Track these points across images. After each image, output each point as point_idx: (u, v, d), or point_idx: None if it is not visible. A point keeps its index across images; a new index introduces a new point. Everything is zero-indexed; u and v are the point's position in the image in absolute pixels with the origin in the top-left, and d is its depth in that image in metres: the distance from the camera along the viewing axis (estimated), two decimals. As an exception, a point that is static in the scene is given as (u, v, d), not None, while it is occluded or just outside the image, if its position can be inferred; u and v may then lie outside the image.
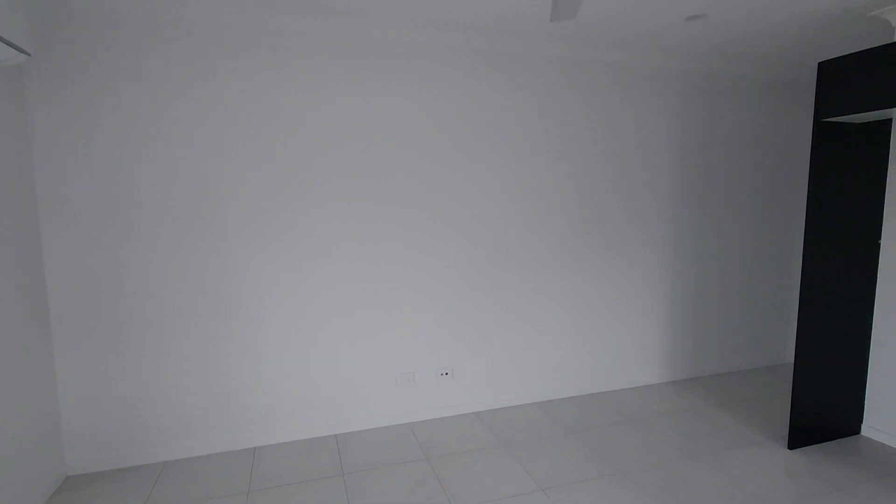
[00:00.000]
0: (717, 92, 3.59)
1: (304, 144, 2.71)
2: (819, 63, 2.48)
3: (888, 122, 2.67)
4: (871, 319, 2.79)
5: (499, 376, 3.25)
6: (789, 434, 2.68)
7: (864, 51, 2.31)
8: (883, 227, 2.72)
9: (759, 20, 2.74)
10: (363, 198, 2.85)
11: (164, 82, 2.47)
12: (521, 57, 3.06)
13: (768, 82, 3.74)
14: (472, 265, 3.11)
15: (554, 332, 3.35)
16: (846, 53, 2.51)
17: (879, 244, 2.74)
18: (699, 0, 2.47)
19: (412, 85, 2.86)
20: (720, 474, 2.44)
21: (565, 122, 3.22)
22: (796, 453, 2.64)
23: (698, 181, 3.62)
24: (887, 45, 2.23)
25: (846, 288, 2.71)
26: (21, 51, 1.96)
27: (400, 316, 2.99)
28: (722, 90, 3.61)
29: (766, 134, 3.81)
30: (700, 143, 3.60)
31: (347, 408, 2.95)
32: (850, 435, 2.83)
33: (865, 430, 2.84)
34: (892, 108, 2.25)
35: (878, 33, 2.95)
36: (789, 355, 4.14)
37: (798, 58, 3.46)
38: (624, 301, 3.50)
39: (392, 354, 3.00)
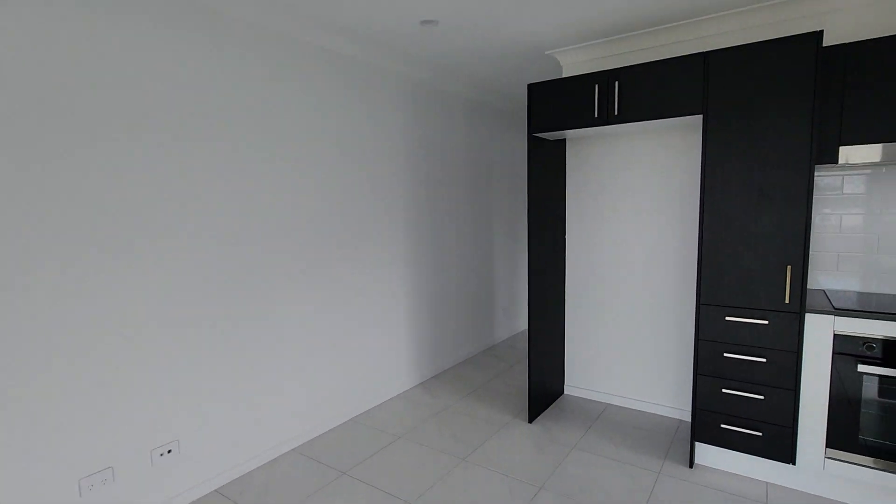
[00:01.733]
0: (446, 105, 3.84)
1: None
2: (528, 84, 2.88)
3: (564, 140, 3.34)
4: (565, 303, 3.46)
5: (244, 431, 2.54)
6: (529, 409, 3.04)
7: (546, 81, 2.79)
8: (567, 229, 3.41)
9: (477, 40, 3.00)
10: (-16, 202, 1.68)
11: None
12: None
13: (487, 103, 4.27)
14: (188, 293, 2.29)
15: (301, 362, 2.86)
16: (546, 80, 3.08)
17: (565, 240, 3.42)
18: (433, 4, 2.47)
19: (75, 28, 1.86)
20: (493, 468, 2.52)
21: (288, 114, 2.77)
22: (535, 425, 3.01)
23: (430, 191, 3.78)
24: (558, 79, 2.73)
25: (553, 279, 3.27)
26: None
27: (80, 385, 1.92)
28: (451, 105, 3.88)
29: (488, 149, 4.35)
30: (430, 154, 3.76)
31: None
32: (558, 396, 3.45)
33: (567, 389, 3.52)
34: (563, 130, 2.76)
35: (557, 70, 3.68)
36: (498, 337, 4.86)
37: (510, 84, 4.06)
38: (372, 311, 3.31)
39: (69, 450, 1.90)
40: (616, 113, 2.59)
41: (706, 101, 2.33)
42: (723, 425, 2.40)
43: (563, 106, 2.76)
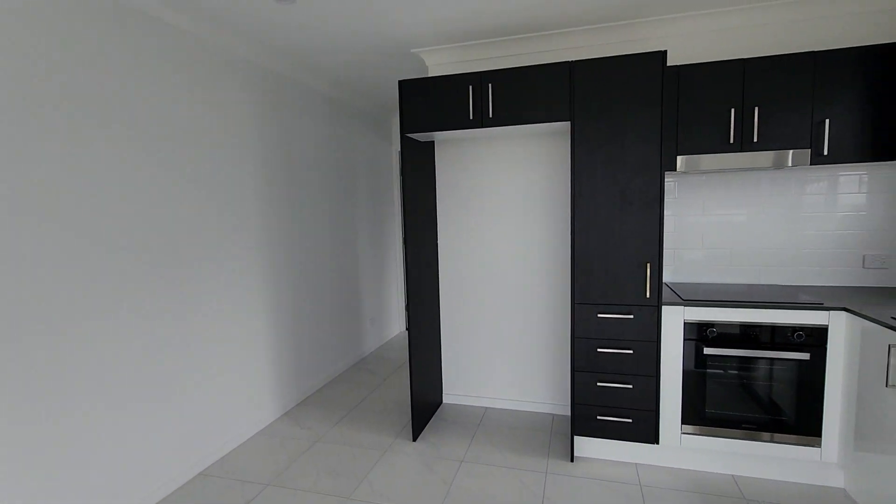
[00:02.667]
0: (308, 102, 3.41)
1: None
2: (399, 81, 2.69)
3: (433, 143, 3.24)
4: (440, 309, 3.37)
5: (39, 523, 1.85)
6: (413, 426, 2.85)
7: (419, 79, 2.66)
8: (438, 232, 3.31)
9: (338, 29, 2.71)
10: None
11: None
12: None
13: (350, 103, 3.92)
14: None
15: (120, 417, 2.24)
16: (418, 77, 2.92)
17: (437, 244, 3.32)
18: (300, -22, 2.14)
19: None
20: (384, 501, 2.27)
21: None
22: (420, 443, 2.84)
23: (288, 195, 3.34)
24: (431, 77, 2.63)
25: (428, 284, 3.13)
26: None
27: None
28: (312, 103, 3.46)
29: (352, 152, 4.00)
30: (289, 155, 3.32)
31: None
32: (438, 406, 3.33)
33: (446, 398, 3.42)
34: (438, 130, 2.66)
35: (423, 70, 3.55)
36: (367, 349, 4.58)
37: (374, 83, 3.77)
38: (219, 337, 2.78)
39: None
40: (491, 115, 2.55)
41: (573, 108, 2.43)
42: (599, 417, 2.53)
43: (436, 106, 2.64)
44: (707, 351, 2.35)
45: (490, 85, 2.53)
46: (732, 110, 2.45)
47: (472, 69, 3.12)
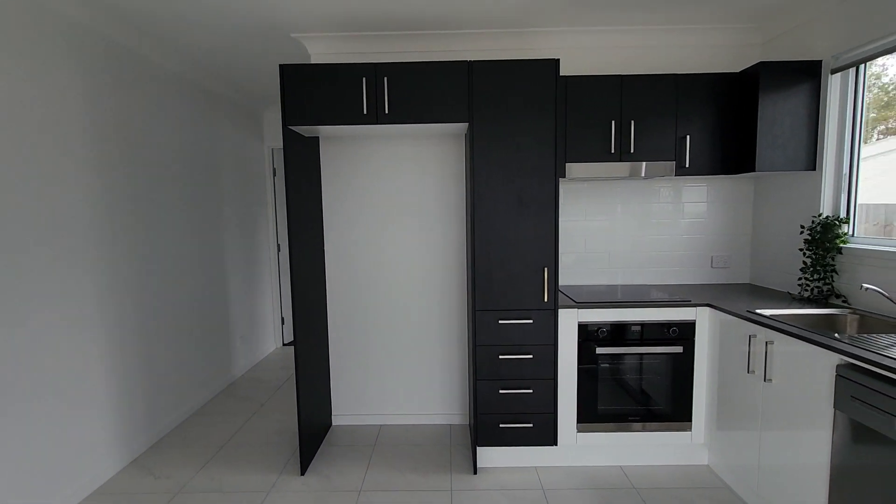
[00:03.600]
0: (160, 85, 2.82)
1: None
2: (281, 65, 2.36)
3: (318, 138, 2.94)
4: (327, 322, 3.06)
5: None
6: (301, 458, 2.51)
7: (306, 65, 2.37)
8: (325, 238, 3.01)
9: (200, 7, 2.29)
10: None
11: None
12: None
13: (215, 91, 3.34)
14: None
15: None
16: (304, 63, 2.56)
17: (324, 251, 3.02)
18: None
19: None
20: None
21: None
22: (310, 476, 2.51)
23: (133, 194, 2.74)
24: (320, 65, 2.37)
25: (314, 294, 2.81)
26: None
27: None
28: (166, 86, 2.87)
29: (217, 147, 3.42)
30: (133, 145, 2.71)
31: None
32: (327, 430, 3.02)
33: (335, 420, 3.12)
34: (329, 124, 2.40)
35: (305, 59, 3.18)
36: (237, 371, 4.02)
37: (246, 70, 3.26)
38: (35, 378, 2.15)
39: None
40: (387, 112, 2.36)
41: (472, 110, 2.36)
42: (501, 425, 2.48)
43: (326, 97, 2.37)
44: (599, 350, 2.45)
45: (386, 78, 2.34)
46: (613, 122, 2.61)
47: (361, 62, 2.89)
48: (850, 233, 2.37)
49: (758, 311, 2.20)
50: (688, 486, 2.36)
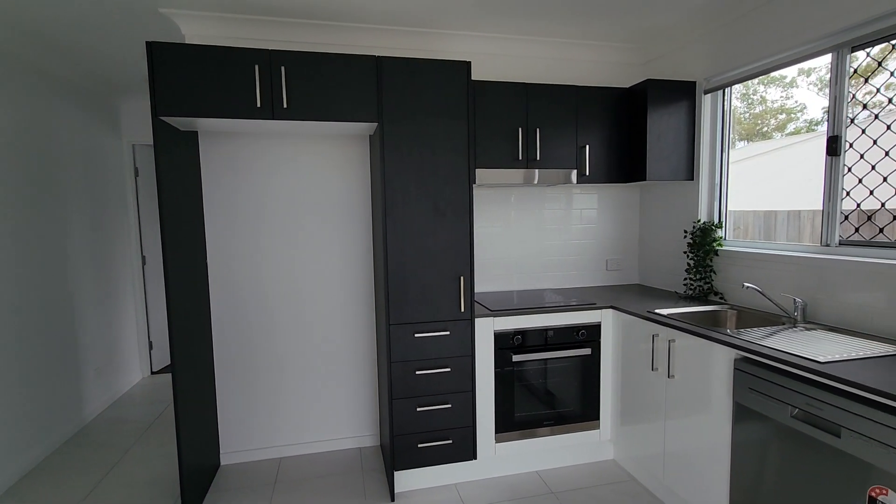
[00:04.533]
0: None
1: None
2: (149, 43, 1.95)
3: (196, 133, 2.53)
4: (212, 347, 2.64)
5: None
6: (183, 515, 2.10)
7: (182, 45, 2.01)
8: (208, 250, 2.60)
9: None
10: None
11: None
12: None
13: (57, 75, 2.66)
14: None
15: None
16: (182, 42, 2.10)
17: (206, 262, 2.61)
18: None
19: None
20: None
21: None
22: (196, 532, 2.12)
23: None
24: (200, 46, 2.02)
25: (197, 316, 2.40)
26: None
27: None
28: None
29: (58, 142, 2.73)
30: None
31: None
32: (215, 472, 2.60)
33: (224, 458, 2.70)
34: (212, 117, 2.06)
35: (179, 40, 2.70)
36: (91, 411, 3.33)
37: (100, 50, 2.65)
38: None
39: None
40: (286, 106, 2.09)
41: (382, 109, 2.19)
42: (420, 445, 2.34)
43: (210, 85, 2.02)
44: (516, 358, 2.43)
45: (283, 68, 2.07)
46: (520, 129, 2.62)
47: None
48: (724, 236, 2.66)
49: (656, 310, 2.35)
50: (600, 483, 2.44)
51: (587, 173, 2.74)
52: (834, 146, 2.04)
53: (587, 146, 2.73)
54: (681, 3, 2.41)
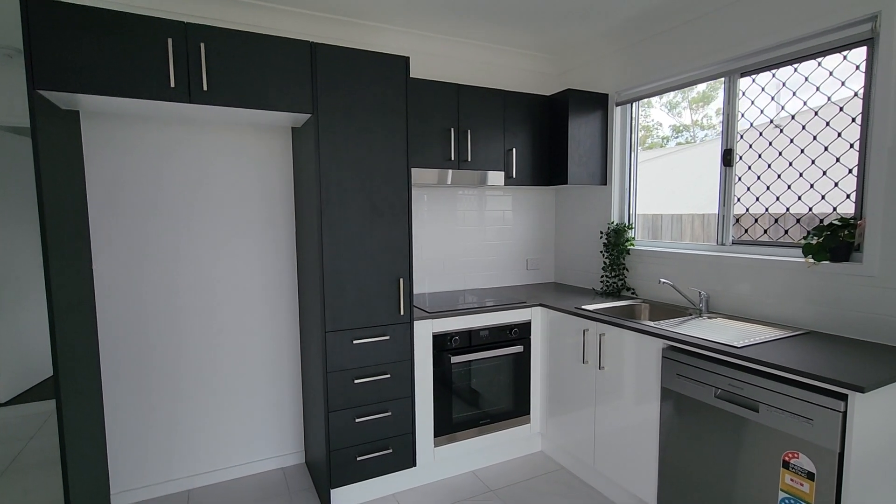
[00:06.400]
0: None
1: None
2: (24, -1, 1.58)
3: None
4: (100, 367, 2.22)
5: None
6: (73, 575, 1.73)
7: (67, 3, 1.68)
8: (93, 251, 2.19)
9: None
10: None
11: None
12: None
13: None
14: None
15: None
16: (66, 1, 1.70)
17: (91, 268, 2.19)
18: None
19: None
20: None
21: None
22: None
23: None
24: (95, 7, 1.70)
25: (81, 329, 2.00)
26: None
27: None
28: None
29: None
30: None
31: None
32: (105, 516, 2.19)
33: (116, 499, 2.29)
34: (108, 95, 1.72)
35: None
36: (-85, 460, 2.61)
37: None
38: None
39: None
40: (206, 88, 1.83)
41: (316, 100, 2.03)
42: (359, 458, 2.20)
43: (107, 56, 1.69)
44: (454, 360, 2.41)
45: (203, 45, 1.81)
46: (452, 130, 2.62)
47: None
48: (635, 237, 2.93)
49: (583, 307, 2.50)
50: (534, 476, 2.53)
51: (513, 175, 2.83)
52: (728, 158, 2.34)
53: (514, 149, 2.81)
54: (595, 20, 2.60)
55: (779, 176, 2.20)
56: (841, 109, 1.97)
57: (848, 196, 1.96)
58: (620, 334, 2.16)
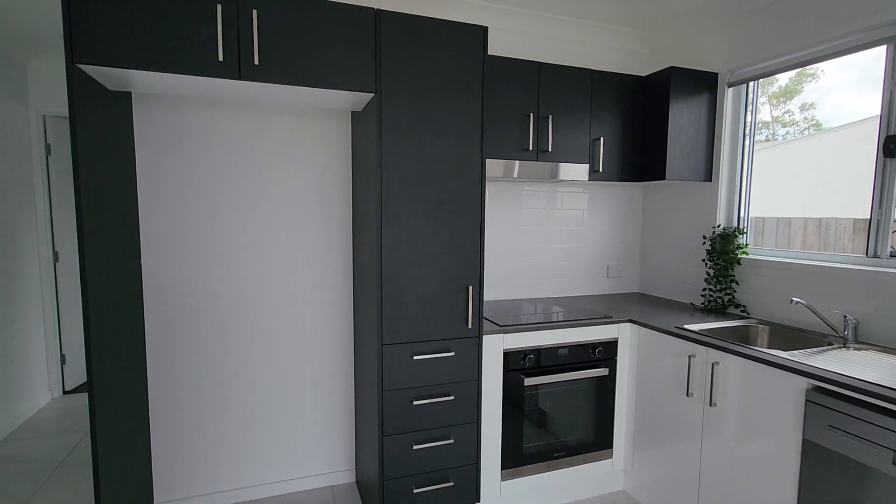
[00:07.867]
0: None
1: None
2: (64, -38, 1.41)
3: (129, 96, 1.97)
4: (146, 367, 2.08)
5: None
6: None
7: None
8: (142, 248, 2.04)
9: None
10: None
11: None
12: None
13: None
14: None
15: None
16: None
17: (141, 265, 2.05)
18: None
19: None
20: None
21: None
22: None
23: None
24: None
25: (127, 327, 1.85)
26: None
27: None
28: None
29: None
30: None
31: None
32: (147, 528, 2.05)
33: (160, 507, 2.16)
34: (135, 68, 1.50)
35: None
36: (-20, 447, 2.62)
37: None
38: None
39: None
40: (257, 63, 1.60)
41: (380, 77, 1.75)
42: (416, 490, 1.92)
43: (148, 26, 1.50)
44: (528, 381, 2.07)
45: (255, 12, 1.58)
46: (532, 115, 2.27)
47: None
48: (748, 243, 2.44)
49: (685, 326, 2.07)
50: (618, 523, 2.14)
51: (600, 169, 2.44)
52: (890, 147, 1.83)
53: (601, 139, 2.42)
54: (716, -18, 2.15)
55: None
56: None
57: None
58: (743, 366, 1.73)
